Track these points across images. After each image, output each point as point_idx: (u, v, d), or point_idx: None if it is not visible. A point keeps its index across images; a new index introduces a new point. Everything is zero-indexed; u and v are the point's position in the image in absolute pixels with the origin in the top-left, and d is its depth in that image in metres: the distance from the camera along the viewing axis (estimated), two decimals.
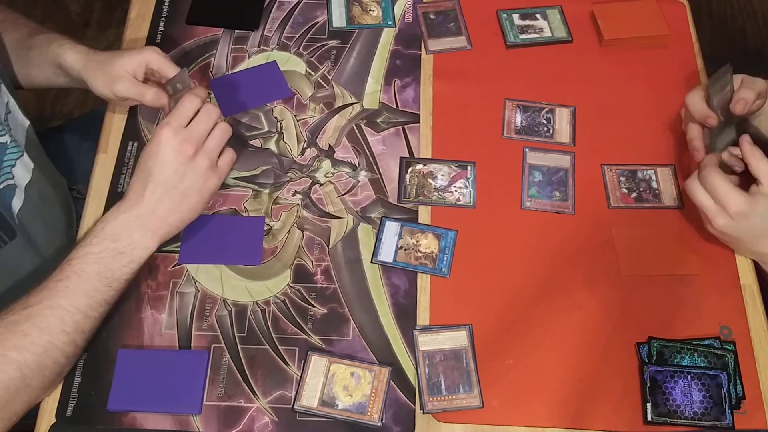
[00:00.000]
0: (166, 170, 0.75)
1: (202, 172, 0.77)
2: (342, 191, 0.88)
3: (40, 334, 0.68)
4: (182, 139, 0.76)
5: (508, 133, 0.92)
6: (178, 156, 0.75)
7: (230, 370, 0.77)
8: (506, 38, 0.99)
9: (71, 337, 0.71)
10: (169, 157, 0.75)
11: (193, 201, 0.77)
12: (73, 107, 1.85)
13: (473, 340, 0.78)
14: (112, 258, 0.73)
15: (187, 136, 0.76)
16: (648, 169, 0.89)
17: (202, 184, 0.77)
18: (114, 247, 0.74)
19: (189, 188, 0.77)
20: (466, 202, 0.87)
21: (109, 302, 0.74)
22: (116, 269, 0.73)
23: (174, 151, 0.75)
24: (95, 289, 0.72)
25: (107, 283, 0.73)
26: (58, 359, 0.70)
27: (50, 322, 0.69)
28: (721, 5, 2.03)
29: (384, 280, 0.82)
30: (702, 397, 0.74)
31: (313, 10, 1.03)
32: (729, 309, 0.80)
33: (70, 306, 0.70)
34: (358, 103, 0.95)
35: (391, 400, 0.75)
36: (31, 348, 0.68)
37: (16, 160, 0.85)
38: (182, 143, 0.75)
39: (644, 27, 0.99)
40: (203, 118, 0.77)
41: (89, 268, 0.72)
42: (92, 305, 0.72)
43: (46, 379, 0.70)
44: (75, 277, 0.71)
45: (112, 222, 0.75)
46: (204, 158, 0.77)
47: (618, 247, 0.84)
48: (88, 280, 0.72)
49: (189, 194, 0.77)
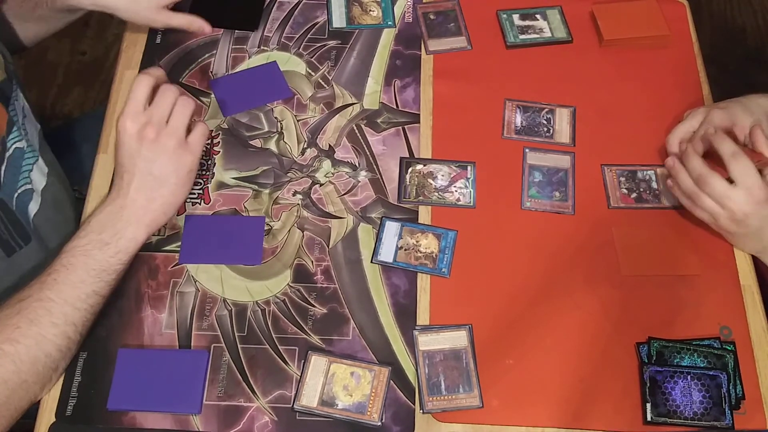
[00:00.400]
0: (135, 159, 0.74)
1: (171, 152, 0.75)
2: (342, 191, 0.88)
3: (29, 326, 0.69)
4: (141, 124, 0.74)
5: (508, 134, 0.92)
6: (141, 142, 0.74)
7: (230, 370, 0.77)
8: (506, 38, 0.99)
9: (61, 329, 0.70)
10: (134, 146, 0.74)
11: (171, 183, 0.75)
12: (73, 107, 1.85)
13: (473, 340, 0.78)
14: (99, 249, 0.73)
15: (146, 119, 0.74)
16: (648, 169, 0.89)
17: (175, 165, 0.75)
18: (99, 238, 0.73)
19: (162, 171, 0.75)
20: (466, 203, 0.87)
21: (99, 294, 0.73)
22: (103, 260, 0.73)
23: (136, 138, 0.74)
24: (82, 280, 0.72)
25: (95, 274, 0.73)
26: (51, 352, 0.70)
27: (38, 313, 0.69)
28: (721, 5, 2.03)
29: (384, 280, 0.82)
30: (702, 398, 0.74)
31: (313, 10, 1.03)
32: (729, 309, 0.80)
33: (57, 298, 0.70)
34: (358, 103, 0.95)
35: (390, 400, 0.75)
36: (22, 340, 0.68)
37: (33, 165, 0.86)
38: (142, 128, 0.74)
39: (644, 27, 0.99)
40: (160, 97, 0.75)
41: (76, 261, 0.72)
42: (80, 296, 0.72)
43: (41, 374, 0.70)
44: (63, 270, 0.71)
45: (98, 216, 0.75)
46: (169, 138, 0.74)
47: (618, 247, 0.84)
48: (74, 271, 0.72)
49: (164, 177, 0.75)
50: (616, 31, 0.99)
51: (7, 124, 0.82)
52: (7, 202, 0.81)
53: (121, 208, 0.75)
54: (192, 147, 0.77)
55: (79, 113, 1.84)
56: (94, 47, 1.94)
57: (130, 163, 0.74)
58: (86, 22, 1.98)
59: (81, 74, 1.90)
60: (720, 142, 0.77)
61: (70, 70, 1.91)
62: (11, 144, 0.82)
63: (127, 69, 0.97)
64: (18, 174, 0.83)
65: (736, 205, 0.76)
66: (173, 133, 0.75)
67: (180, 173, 0.76)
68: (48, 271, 0.72)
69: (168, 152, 0.75)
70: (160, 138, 0.74)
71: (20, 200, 0.83)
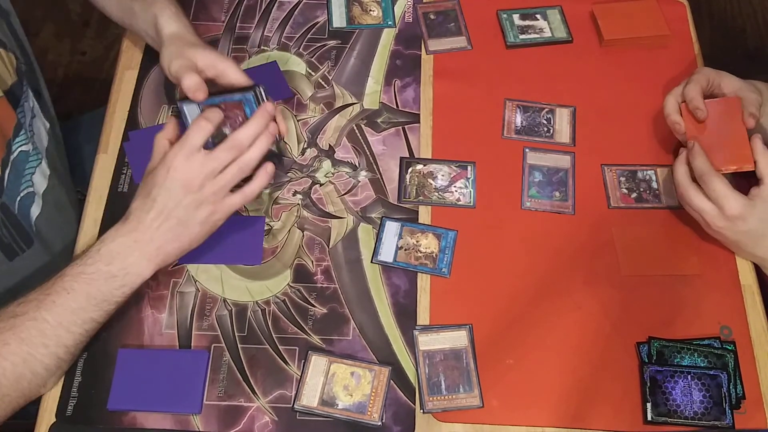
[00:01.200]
0: (170, 201, 0.72)
1: (207, 207, 0.73)
2: (342, 191, 0.88)
3: (19, 344, 0.68)
4: (194, 171, 0.71)
5: (508, 134, 0.92)
6: (185, 189, 0.72)
7: (230, 370, 0.77)
8: (506, 38, 0.99)
9: (51, 350, 0.70)
10: (176, 188, 0.72)
11: (194, 232, 0.74)
12: (73, 107, 1.85)
13: (473, 339, 0.78)
14: (104, 280, 0.71)
15: (199, 169, 0.71)
16: (648, 169, 0.89)
17: (205, 218, 0.73)
18: (107, 269, 0.71)
19: (190, 221, 0.73)
20: (466, 202, 0.87)
21: (96, 320, 0.72)
22: (107, 291, 0.72)
23: (182, 183, 0.71)
24: (81, 307, 0.70)
25: (95, 303, 0.71)
26: (38, 371, 0.70)
27: (30, 333, 0.68)
28: (721, 5, 2.03)
29: (384, 280, 0.82)
30: (702, 397, 0.74)
31: (313, 10, 1.03)
32: (729, 309, 0.80)
33: (53, 320, 0.69)
34: (359, 103, 0.95)
35: (391, 400, 0.75)
36: (10, 357, 0.67)
37: (36, 168, 0.86)
38: (193, 177, 0.71)
39: (644, 27, 0.99)
40: (224, 151, 0.72)
41: (79, 287, 0.70)
42: (76, 322, 0.70)
43: (25, 390, 0.70)
44: (63, 293, 0.70)
45: (110, 244, 0.72)
46: (211, 195, 0.72)
47: (618, 247, 0.84)
48: (75, 298, 0.70)
49: (190, 226, 0.73)
50: (617, 31, 0.99)
51: (14, 127, 0.82)
52: (10, 206, 0.81)
53: (135, 242, 0.72)
54: (228, 206, 0.74)
55: (78, 114, 1.84)
56: (94, 47, 1.94)
57: (163, 202, 0.72)
58: (86, 22, 1.98)
59: (81, 74, 1.91)
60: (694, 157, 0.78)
61: (70, 70, 1.91)
62: (17, 147, 0.82)
63: (127, 69, 0.97)
64: (21, 177, 0.83)
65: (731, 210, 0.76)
66: (217, 192, 0.73)
67: (205, 226, 0.74)
68: (47, 290, 0.70)
69: (203, 206, 0.73)
70: (203, 190, 0.72)
71: (22, 203, 0.83)
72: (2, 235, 0.81)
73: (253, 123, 0.74)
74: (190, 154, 0.72)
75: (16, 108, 0.82)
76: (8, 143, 0.81)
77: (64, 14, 1.99)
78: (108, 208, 0.86)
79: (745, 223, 0.76)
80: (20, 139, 0.82)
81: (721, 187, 0.75)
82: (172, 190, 0.72)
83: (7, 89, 0.82)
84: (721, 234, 0.78)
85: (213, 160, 0.72)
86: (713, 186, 0.76)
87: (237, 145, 0.73)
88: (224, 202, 0.74)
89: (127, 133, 0.91)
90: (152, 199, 0.72)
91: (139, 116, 0.93)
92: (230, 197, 0.74)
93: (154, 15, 0.85)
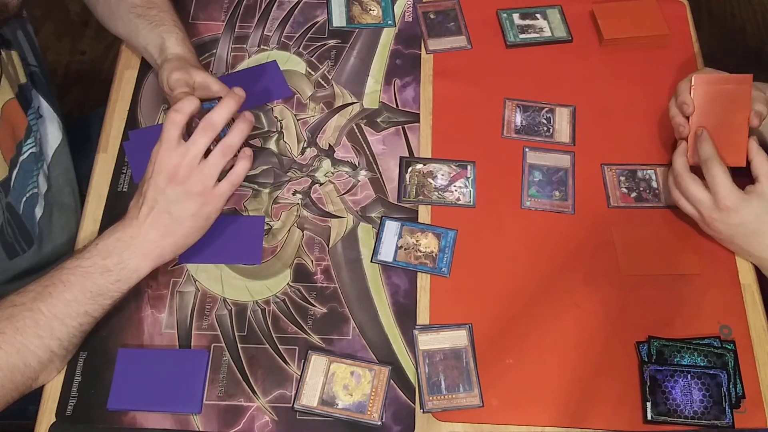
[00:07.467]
0: (158, 195, 0.73)
1: (195, 197, 0.73)
2: (342, 191, 0.88)
3: (14, 334, 0.68)
4: (176, 161, 0.72)
5: (508, 133, 0.92)
6: (171, 181, 0.72)
7: (230, 370, 0.77)
8: (506, 38, 0.99)
9: (45, 341, 0.70)
10: (162, 181, 0.72)
11: (187, 226, 0.74)
12: (73, 107, 1.85)
13: (473, 339, 0.78)
14: (100, 274, 0.72)
15: (180, 158, 0.72)
16: (648, 168, 0.89)
17: (195, 210, 0.74)
18: (103, 263, 0.72)
19: (181, 214, 0.73)
20: (466, 202, 0.87)
21: (90, 315, 0.72)
22: (102, 285, 0.72)
23: (167, 176, 0.72)
24: (76, 299, 0.71)
25: (91, 296, 0.72)
26: (31, 363, 0.70)
27: (26, 323, 0.69)
28: (721, 5, 2.03)
29: (384, 279, 0.82)
30: (702, 396, 0.74)
31: (313, 9, 1.03)
32: (729, 308, 0.80)
33: (48, 311, 0.70)
34: (358, 102, 0.95)
35: (391, 399, 0.75)
36: (4, 346, 0.68)
37: (40, 169, 0.86)
38: (175, 168, 0.72)
39: (644, 27, 0.99)
40: (200, 135, 0.72)
41: (75, 280, 0.71)
42: (71, 314, 0.71)
43: (18, 383, 0.70)
44: (60, 285, 0.71)
45: (106, 239, 0.73)
46: (197, 183, 0.72)
47: (618, 247, 0.84)
48: (70, 289, 0.71)
49: (182, 220, 0.74)
50: (616, 31, 0.99)
51: (25, 130, 0.83)
52: (15, 206, 0.82)
53: (131, 238, 0.73)
54: (217, 196, 0.74)
55: (78, 113, 1.84)
56: (94, 47, 1.94)
57: (152, 197, 0.73)
58: (86, 22, 1.98)
59: (81, 74, 1.90)
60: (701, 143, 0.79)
61: (70, 70, 1.91)
62: (27, 149, 0.83)
63: (126, 69, 0.97)
64: (28, 178, 0.84)
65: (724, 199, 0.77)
66: (202, 180, 0.73)
67: (198, 219, 0.74)
68: (45, 282, 0.71)
69: (192, 197, 0.73)
70: (189, 180, 0.72)
71: (27, 204, 0.84)
72: (6, 234, 0.81)
73: (224, 104, 0.74)
74: (170, 146, 0.72)
75: (27, 111, 0.83)
76: (19, 144, 0.81)
77: (63, 14, 1.99)
78: (108, 208, 0.86)
79: (738, 215, 0.76)
80: (30, 141, 0.83)
81: (721, 175, 0.77)
82: (159, 183, 0.73)
83: (18, 92, 0.83)
84: (716, 228, 0.79)
85: (192, 144, 0.72)
86: (714, 171, 0.77)
87: (210, 125, 0.73)
88: (213, 191, 0.74)
89: (126, 133, 0.91)
90: (143, 196, 0.74)
91: (138, 116, 0.93)
92: (218, 185, 0.74)
93: (161, 36, 0.88)
